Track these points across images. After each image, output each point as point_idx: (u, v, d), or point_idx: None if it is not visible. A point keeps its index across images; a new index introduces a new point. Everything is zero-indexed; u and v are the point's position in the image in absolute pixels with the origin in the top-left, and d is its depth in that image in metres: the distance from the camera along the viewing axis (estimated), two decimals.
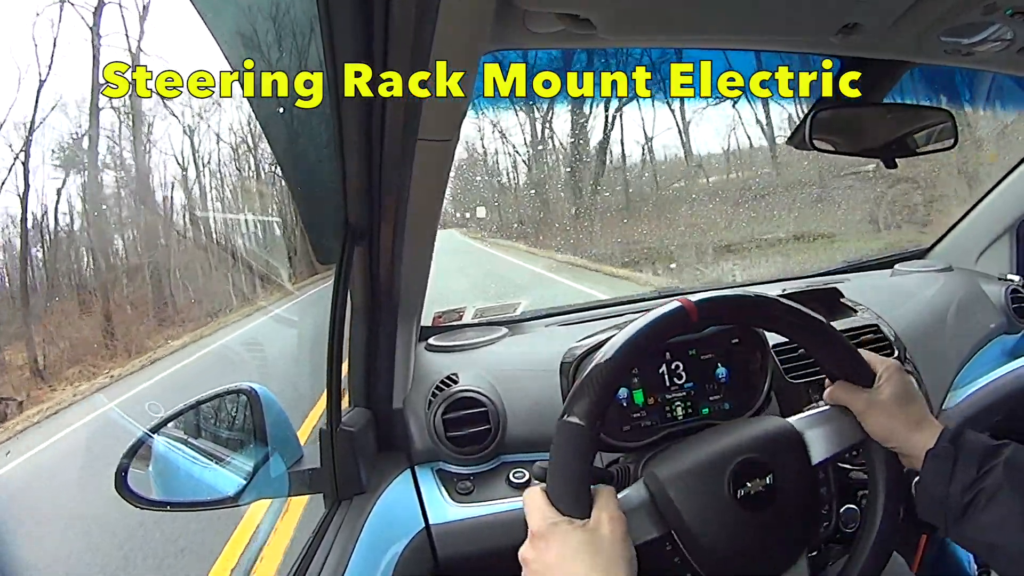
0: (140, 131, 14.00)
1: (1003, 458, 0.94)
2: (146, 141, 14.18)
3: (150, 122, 14.30)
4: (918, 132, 1.34)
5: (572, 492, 0.92)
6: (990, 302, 2.07)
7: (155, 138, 14.42)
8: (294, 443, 1.43)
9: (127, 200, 13.95)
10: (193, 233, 14.91)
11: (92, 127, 13.36)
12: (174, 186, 14.70)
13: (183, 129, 14.87)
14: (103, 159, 13.59)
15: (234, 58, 1.11)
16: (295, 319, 11.63)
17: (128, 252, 13.85)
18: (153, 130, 14.36)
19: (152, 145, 14.30)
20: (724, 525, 0.98)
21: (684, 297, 1.02)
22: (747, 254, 9.28)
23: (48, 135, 13.24)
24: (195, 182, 15.19)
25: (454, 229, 13.68)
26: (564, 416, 0.94)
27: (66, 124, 13.43)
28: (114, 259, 13.59)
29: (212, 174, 15.27)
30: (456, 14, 0.82)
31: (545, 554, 0.90)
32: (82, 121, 13.36)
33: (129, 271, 13.49)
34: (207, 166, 15.18)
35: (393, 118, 1.02)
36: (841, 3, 0.93)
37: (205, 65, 1.05)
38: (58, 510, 5.65)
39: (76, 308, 12.51)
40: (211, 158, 15.17)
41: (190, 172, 14.95)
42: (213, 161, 15.22)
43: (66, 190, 13.20)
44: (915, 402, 1.03)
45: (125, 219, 13.85)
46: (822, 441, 1.04)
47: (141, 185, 14.08)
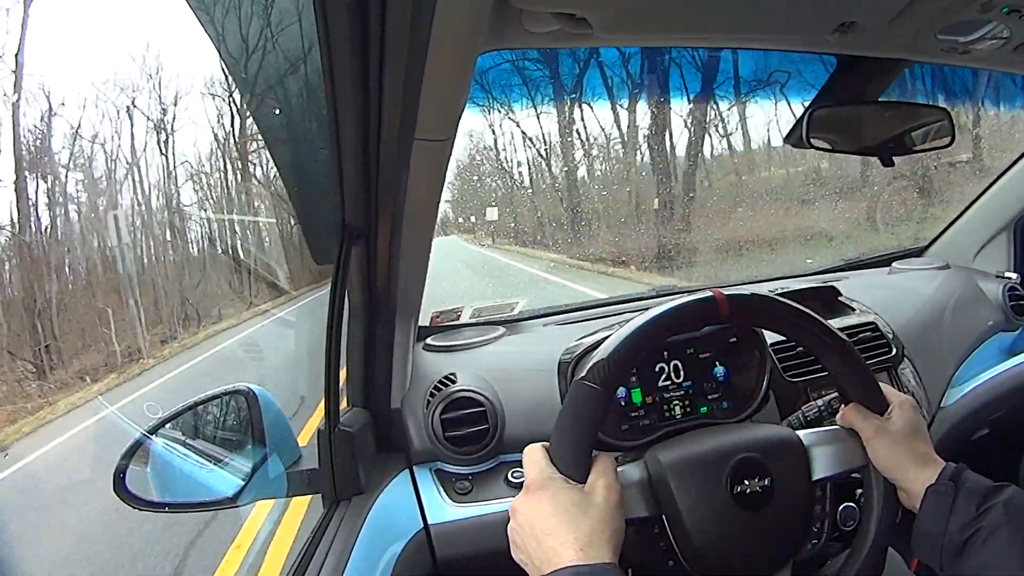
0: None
1: (1003, 498, 0.94)
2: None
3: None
4: (915, 130, 1.34)
5: (573, 453, 0.94)
6: (987, 299, 2.08)
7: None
8: (292, 443, 1.43)
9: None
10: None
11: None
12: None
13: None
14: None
15: (230, 58, 1.11)
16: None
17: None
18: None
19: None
20: (715, 518, 0.98)
21: (717, 289, 1.03)
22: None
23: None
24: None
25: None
26: (580, 377, 0.95)
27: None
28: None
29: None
30: (453, 13, 0.82)
31: (535, 507, 0.91)
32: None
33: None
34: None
35: (390, 117, 1.02)
36: (838, 2, 0.93)
37: (202, 66, 1.05)
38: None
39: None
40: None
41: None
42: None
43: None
44: (922, 439, 1.04)
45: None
46: (826, 459, 1.04)
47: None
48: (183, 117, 14.95)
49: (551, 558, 0.86)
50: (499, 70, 8.84)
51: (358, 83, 0.96)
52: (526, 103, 11.63)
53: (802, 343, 1.09)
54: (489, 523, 1.42)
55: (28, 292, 11.04)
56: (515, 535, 0.93)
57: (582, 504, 0.90)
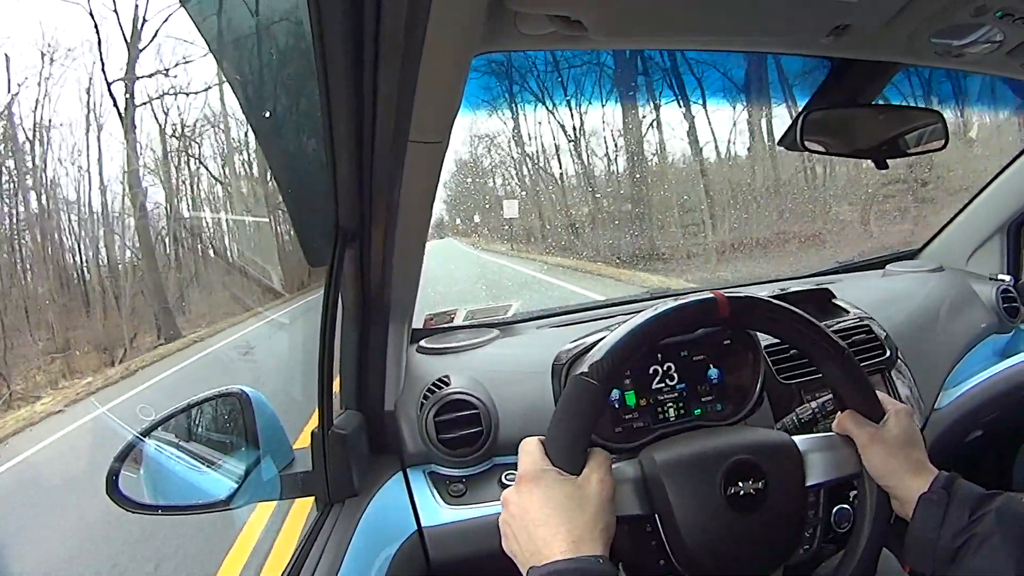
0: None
1: (995, 506, 0.94)
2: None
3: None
4: (909, 133, 1.35)
5: (568, 446, 0.94)
6: (981, 302, 2.09)
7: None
8: (286, 446, 1.43)
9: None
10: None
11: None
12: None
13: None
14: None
15: (225, 60, 1.11)
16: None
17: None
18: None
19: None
20: (708, 519, 0.98)
21: (717, 291, 1.03)
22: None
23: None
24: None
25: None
26: (579, 372, 0.96)
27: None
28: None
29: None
30: (447, 16, 0.82)
31: (527, 498, 0.91)
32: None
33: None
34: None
35: (384, 120, 1.02)
36: (832, 5, 0.93)
37: (199, 68, 1.05)
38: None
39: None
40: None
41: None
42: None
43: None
44: (917, 447, 1.04)
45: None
46: (821, 465, 1.04)
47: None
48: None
49: (542, 549, 0.86)
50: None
51: (352, 84, 0.96)
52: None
53: (800, 348, 1.09)
54: (483, 525, 1.41)
55: None
56: (506, 526, 0.93)
57: (575, 497, 0.90)
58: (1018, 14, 0.94)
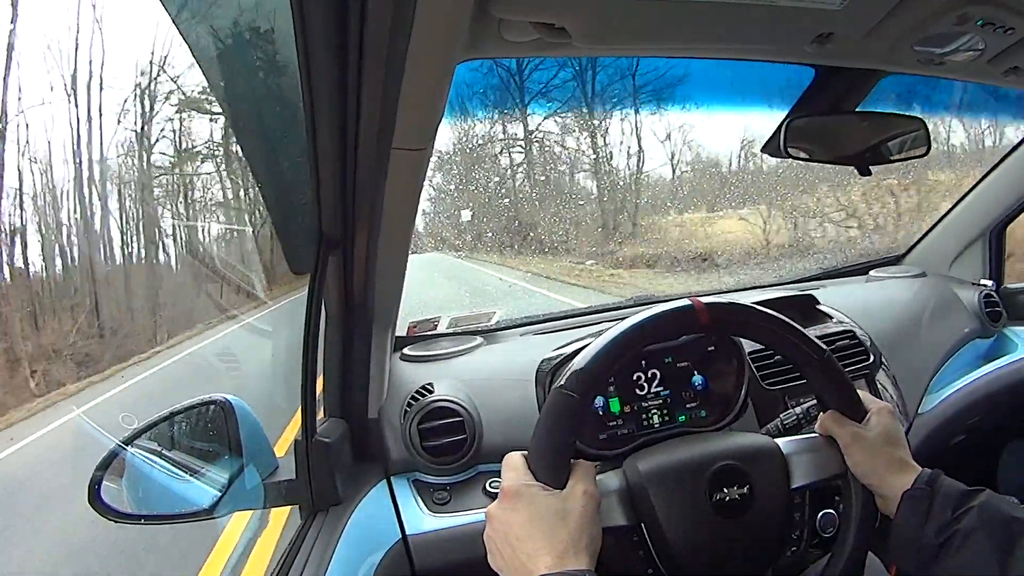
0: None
1: (978, 502, 0.95)
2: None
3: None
4: (892, 140, 1.35)
5: (551, 459, 0.94)
6: (964, 307, 2.10)
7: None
8: (269, 454, 1.42)
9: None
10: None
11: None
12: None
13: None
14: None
15: (207, 64, 1.10)
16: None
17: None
18: None
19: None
20: (695, 527, 0.99)
21: (696, 298, 1.03)
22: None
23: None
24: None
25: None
26: (559, 385, 0.95)
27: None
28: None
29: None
30: (431, 23, 0.81)
31: (511, 514, 0.90)
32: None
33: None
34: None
35: (367, 126, 1.01)
36: (816, 13, 0.94)
37: (180, 73, 1.04)
38: None
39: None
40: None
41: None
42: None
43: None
44: (900, 445, 1.04)
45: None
46: (805, 466, 1.05)
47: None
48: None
49: (527, 564, 0.86)
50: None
51: (336, 91, 0.95)
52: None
53: (780, 352, 1.09)
54: (467, 533, 1.41)
55: None
56: (491, 542, 0.93)
57: (559, 511, 0.90)
58: (999, 23, 0.95)
